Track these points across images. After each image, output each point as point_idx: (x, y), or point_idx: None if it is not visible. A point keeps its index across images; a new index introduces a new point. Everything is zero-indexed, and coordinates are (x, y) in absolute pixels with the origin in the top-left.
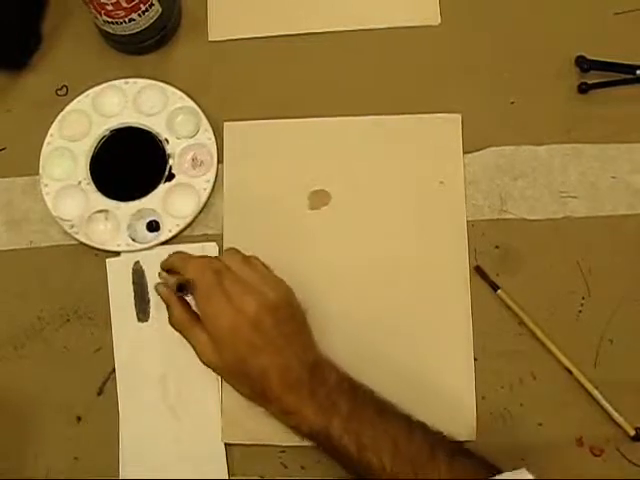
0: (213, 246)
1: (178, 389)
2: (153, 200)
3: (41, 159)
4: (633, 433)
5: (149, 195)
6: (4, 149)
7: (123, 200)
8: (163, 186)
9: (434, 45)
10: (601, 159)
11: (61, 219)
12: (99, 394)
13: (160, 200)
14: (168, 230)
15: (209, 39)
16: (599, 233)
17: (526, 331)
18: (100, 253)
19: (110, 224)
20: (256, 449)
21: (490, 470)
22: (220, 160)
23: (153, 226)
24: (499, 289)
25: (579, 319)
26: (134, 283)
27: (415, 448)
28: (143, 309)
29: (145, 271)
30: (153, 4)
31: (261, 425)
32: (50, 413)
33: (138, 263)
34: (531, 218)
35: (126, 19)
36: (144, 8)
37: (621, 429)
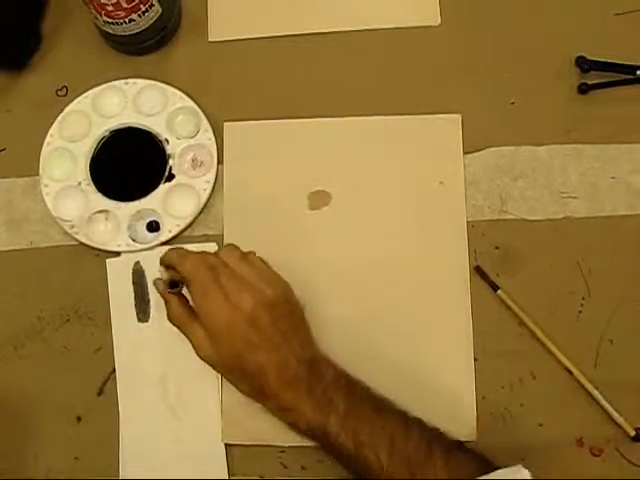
0: (213, 246)
1: (178, 389)
2: (153, 200)
3: (41, 160)
4: (633, 433)
5: (149, 195)
6: (4, 150)
7: (123, 200)
8: (163, 186)
9: (434, 45)
10: (601, 159)
11: (61, 219)
12: (99, 394)
13: (160, 200)
14: (168, 230)
15: (209, 39)
16: (599, 233)
17: (526, 331)
18: (100, 253)
19: (110, 224)
20: (256, 449)
21: (487, 466)
22: (220, 160)
23: (153, 226)
24: (499, 289)
25: (579, 319)
26: (134, 283)
27: (412, 445)
28: (143, 309)
29: (145, 271)
30: (153, 5)
31: (261, 425)
32: (50, 413)
33: (138, 263)
34: (531, 218)
35: (126, 19)
36: (144, 9)
37: (621, 429)
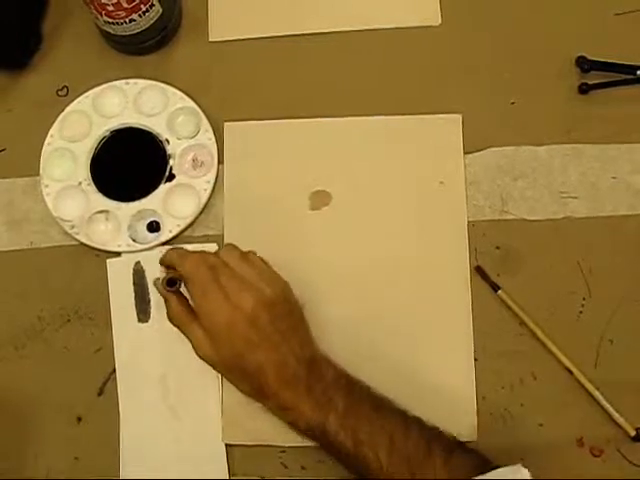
0: (214, 247)
1: (178, 389)
2: (154, 201)
3: (41, 160)
4: (634, 433)
5: (150, 196)
6: (4, 150)
7: (124, 201)
8: (164, 187)
9: (435, 45)
10: (601, 159)
11: (62, 220)
12: (99, 394)
13: (161, 201)
14: (169, 231)
15: (210, 39)
16: (599, 233)
17: (527, 331)
18: (101, 253)
19: (111, 225)
20: (257, 449)
21: (486, 465)
22: (221, 160)
23: (154, 227)
24: (499, 289)
25: (579, 319)
26: (134, 284)
27: (411, 444)
28: (143, 309)
29: (146, 272)
30: (154, 5)
31: (262, 425)
32: (50, 413)
33: (139, 263)
34: (531, 218)
35: (127, 20)
36: (145, 9)
37: (622, 429)
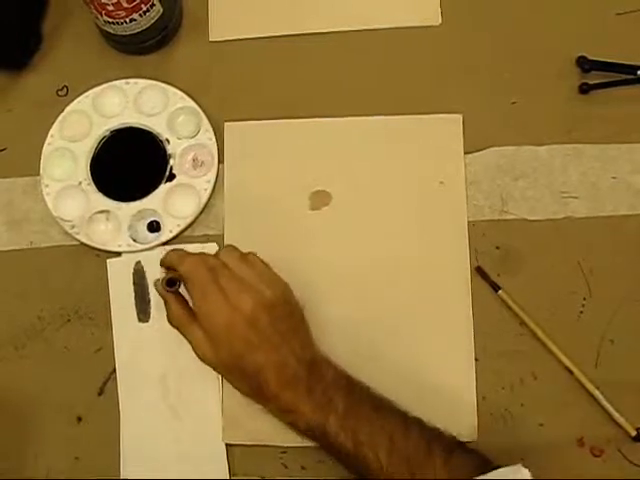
0: (214, 247)
1: (179, 389)
2: (154, 200)
3: (42, 159)
4: (634, 433)
5: (150, 195)
6: (5, 149)
7: (124, 200)
8: (164, 186)
9: (435, 45)
10: (602, 159)
11: (62, 219)
12: (100, 394)
13: (161, 200)
14: (169, 230)
15: (210, 39)
16: (600, 233)
17: (527, 331)
18: (101, 253)
19: (111, 224)
20: (257, 449)
21: (487, 466)
22: (221, 160)
23: (154, 226)
24: (500, 289)
25: (580, 319)
26: (135, 283)
27: (412, 444)
28: (144, 309)
29: (146, 272)
30: (154, 4)
31: (262, 425)
32: (51, 413)
33: (139, 263)
34: (532, 218)
35: (127, 19)
36: (145, 8)
37: (622, 429)
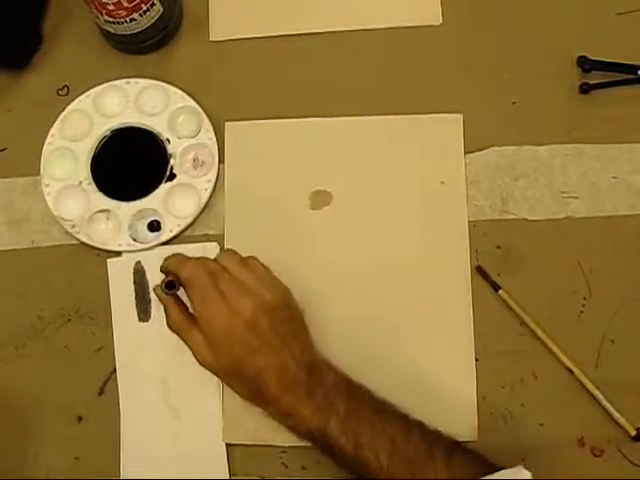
0: (214, 246)
1: (179, 389)
2: (154, 200)
3: (42, 159)
4: (634, 433)
5: (150, 195)
6: (5, 149)
7: (124, 200)
8: (164, 186)
9: (435, 45)
10: (602, 159)
11: (62, 219)
12: (100, 394)
13: (161, 200)
14: (169, 230)
15: (210, 39)
16: (600, 233)
17: (527, 331)
18: (101, 253)
19: (111, 224)
20: (257, 449)
21: (488, 467)
22: (221, 160)
23: (154, 226)
24: (500, 289)
25: (580, 319)
26: (135, 283)
27: (413, 447)
28: (144, 309)
29: (146, 271)
30: (154, 4)
31: (262, 425)
32: (51, 413)
33: (139, 263)
34: (532, 218)
35: (127, 19)
36: (145, 8)
37: (622, 429)
